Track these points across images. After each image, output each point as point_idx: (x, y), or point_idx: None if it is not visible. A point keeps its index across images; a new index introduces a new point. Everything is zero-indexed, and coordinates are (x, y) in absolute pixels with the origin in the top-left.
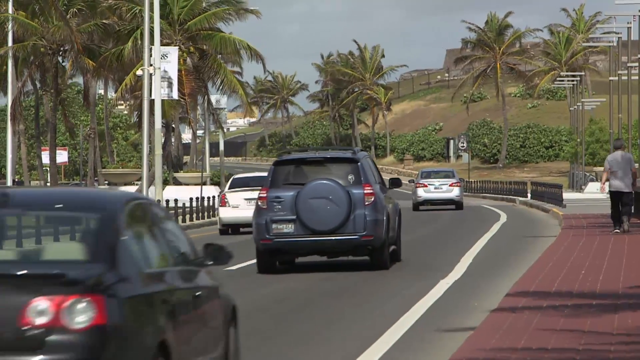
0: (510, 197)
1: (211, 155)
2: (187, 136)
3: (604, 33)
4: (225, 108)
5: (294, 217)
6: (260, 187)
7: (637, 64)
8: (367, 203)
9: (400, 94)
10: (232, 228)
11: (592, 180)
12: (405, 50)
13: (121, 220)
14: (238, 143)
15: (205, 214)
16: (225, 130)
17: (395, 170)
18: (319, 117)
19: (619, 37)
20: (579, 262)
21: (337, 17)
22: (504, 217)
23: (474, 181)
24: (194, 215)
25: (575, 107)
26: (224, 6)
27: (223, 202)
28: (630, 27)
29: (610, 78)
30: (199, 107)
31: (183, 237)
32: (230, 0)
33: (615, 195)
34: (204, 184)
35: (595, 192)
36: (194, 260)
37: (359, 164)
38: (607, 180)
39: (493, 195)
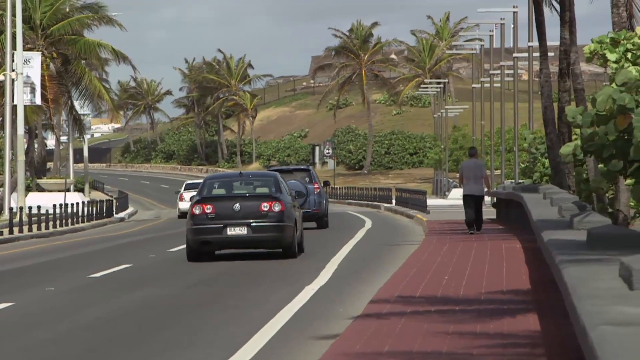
0: (375, 203)
1: (75, 161)
2: (50, 142)
3: (467, 40)
4: (89, 114)
5: None
6: None
7: (499, 72)
8: (315, 192)
9: (266, 100)
10: (186, 215)
11: (455, 187)
12: (271, 56)
13: (280, 179)
14: (102, 149)
15: (69, 221)
16: (89, 136)
17: None
18: (184, 123)
19: (481, 45)
20: (442, 268)
21: (205, 23)
22: (369, 224)
23: (339, 187)
24: (57, 223)
25: (439, 114)
26: (87, 12)
27: (181, 198)
28: (493, 35)
29: (473, 85)
30: (62, 113)
31: (287, 186)
32: (93, 6)
33: (467, 199)
34: (68, 190)
35: (459, 198)
36: (292, 195)
37: (310, 172)
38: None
39: (358, 201)
